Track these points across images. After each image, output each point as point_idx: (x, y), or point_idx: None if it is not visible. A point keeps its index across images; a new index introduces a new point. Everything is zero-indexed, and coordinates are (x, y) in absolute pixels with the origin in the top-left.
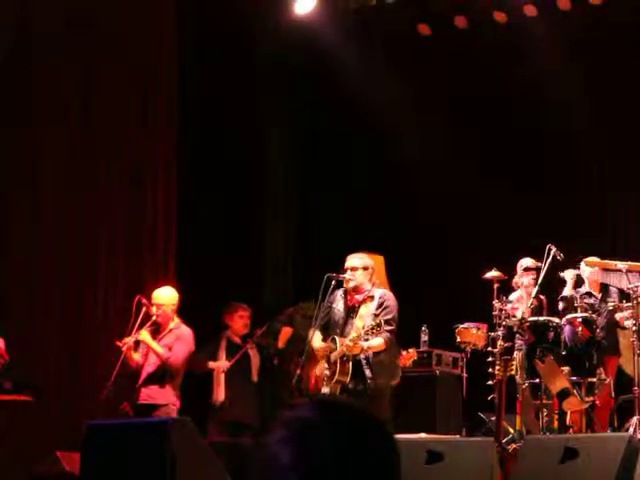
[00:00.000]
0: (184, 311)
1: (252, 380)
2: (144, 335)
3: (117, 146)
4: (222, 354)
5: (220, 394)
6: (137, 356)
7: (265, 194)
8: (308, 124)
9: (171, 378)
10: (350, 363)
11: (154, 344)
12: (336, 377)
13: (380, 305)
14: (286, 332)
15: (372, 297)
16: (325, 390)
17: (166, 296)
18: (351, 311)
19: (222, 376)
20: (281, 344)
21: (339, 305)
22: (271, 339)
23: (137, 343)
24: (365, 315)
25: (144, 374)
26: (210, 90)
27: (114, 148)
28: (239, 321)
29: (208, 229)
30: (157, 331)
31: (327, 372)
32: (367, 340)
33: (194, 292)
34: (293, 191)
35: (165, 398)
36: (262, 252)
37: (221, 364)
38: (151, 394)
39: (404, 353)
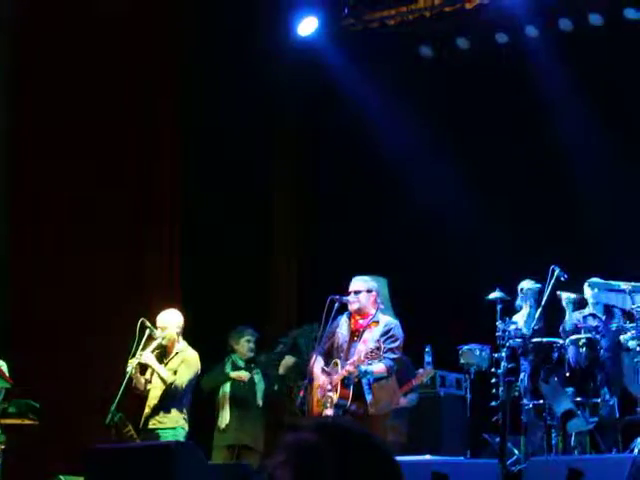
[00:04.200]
0: (191, 334)
1: (257, 404)
2: (148, 358)
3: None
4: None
5: (225, 418)
6: (144, 379)
7: (271, 219)
8: (310, 145)
9: (175, 402)
10: (351, 387)
11: (159, 367)
12: (337, 401)
13: (386, 333)
14: (288, 360)
15: (377, 322)
16: (328, 412)
17: (170, 319)
18: (355, 335)
19: (227, 400)
20: (282, 370)
21: (343, 329)
22: (273, 365)
23: (144, 367)
24: (369, 340)
25: (151, 398)
26: (213, 105)
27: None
28: (246, 345)
29: (213, 253)
30: (164, 354)
31: (330, 394)
32: (370, 365)
33: (199, 317)
34: (298, 213)
35: (173, 422)
36: (267, 274)
37: (242, 374)
38: (159, 419)
39: (420, 371)
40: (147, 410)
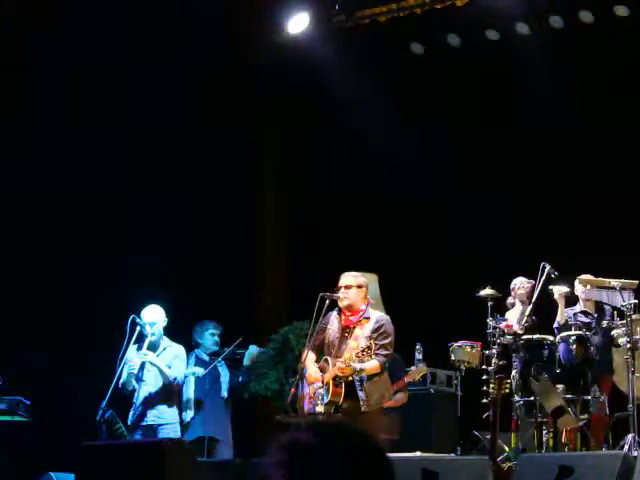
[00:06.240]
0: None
1: (222, 396)
2: (150, 356)
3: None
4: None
5: (189, 413)
6: (134, 375)
7: (261, 212)
8: (301, 141)
9: (174, 397)
10: (343, 384)
11: (161, 364)
12: (329, 398)
13: (377, 329)
14: (253, 350)
15: (368, 318)
16: (319, 409)
17: (158, 314)
18: (346, 331)
19: (192, 392)
20: (246, 361)
21: (334, 325)
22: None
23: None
24: (360, 336)
25: (145, 395)
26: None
27: None
28: (210, 338)
29: (203, 248)
30: (152, 349)
31: (321, 391)
32: (362, 362)
33: (192, 312)
34: (288, 209)
35: (173, 417)
36: (259, 271)
37: (196, 369)
38: (159, 414)
39: (413, 368)
40: (143, 406)
